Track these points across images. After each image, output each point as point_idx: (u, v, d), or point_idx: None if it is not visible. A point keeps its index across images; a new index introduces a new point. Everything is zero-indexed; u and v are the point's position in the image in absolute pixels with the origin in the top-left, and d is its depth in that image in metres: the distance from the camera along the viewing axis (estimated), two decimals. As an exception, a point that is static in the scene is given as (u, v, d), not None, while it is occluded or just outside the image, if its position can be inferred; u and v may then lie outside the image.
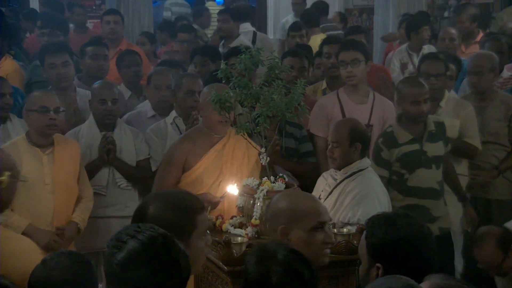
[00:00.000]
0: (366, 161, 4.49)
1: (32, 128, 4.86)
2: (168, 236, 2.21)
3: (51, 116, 4.79)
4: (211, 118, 4.64)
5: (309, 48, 6.96)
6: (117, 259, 2.15)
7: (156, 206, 2.70)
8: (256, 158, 4.68)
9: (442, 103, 5.52)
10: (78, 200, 4.96)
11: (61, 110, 4.90)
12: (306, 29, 8.03)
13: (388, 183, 4.95)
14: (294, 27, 7.98)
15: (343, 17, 9.83)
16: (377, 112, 5.38)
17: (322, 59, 6.24)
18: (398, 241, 2.64)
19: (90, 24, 10.86)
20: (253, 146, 4.42)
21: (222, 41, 8.40)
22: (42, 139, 4.86)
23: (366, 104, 5.41)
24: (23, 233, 4.60)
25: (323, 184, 4.56)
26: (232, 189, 4.28)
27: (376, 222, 2.72)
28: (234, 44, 7.80)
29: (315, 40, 8.24)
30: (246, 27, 9.06)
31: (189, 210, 2.73)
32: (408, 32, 8.05)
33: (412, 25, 8.13)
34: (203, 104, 4.67)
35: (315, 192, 4.58)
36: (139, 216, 2.70)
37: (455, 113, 5.49)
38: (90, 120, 5.32)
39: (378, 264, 2.63)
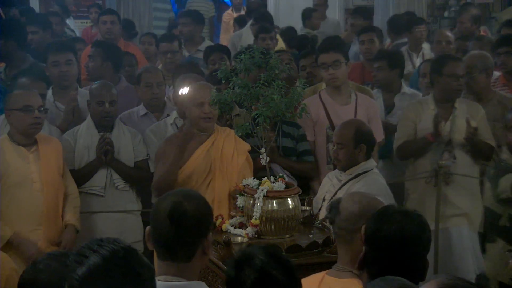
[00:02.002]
0: (372, 163, 4.48)
1: (15, 127, 4.81)
2: (130, 249, 2.15)
3: (35, 115, 4.76)
4: (192, 114, 4.66)
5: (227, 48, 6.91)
6: (78, 275, 2.08)
7: (192, 202, 2.71)
8: (247, 155, 4.71)
9: (456, 105, 5.47)
10: (65, 197, 4.93)
11: (43, 108, 4.88)
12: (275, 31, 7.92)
13: None
14: (264, 29, 7.79)
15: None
16: (361, 112, 5.35)
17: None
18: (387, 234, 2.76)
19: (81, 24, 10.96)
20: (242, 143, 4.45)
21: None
22: (25, 138, 4.82)
23: (349, 104, 5.38)
24: (7, 242, 4.60)
25: (328, 185, 4.55)
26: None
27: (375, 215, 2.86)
28: (201, 47, 7.69)
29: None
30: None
31: (207, 202, 2.80)
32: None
33: (406, 25, 8.14)
34: (186, 100, 4.71)
35: (320, 192, 4.58)
36: (177, 214, 2.67)
37: (469, 115, 5.43)
38: (88, 121, 5.31)
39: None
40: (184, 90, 4.74)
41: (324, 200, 4.49)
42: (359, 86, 5.87)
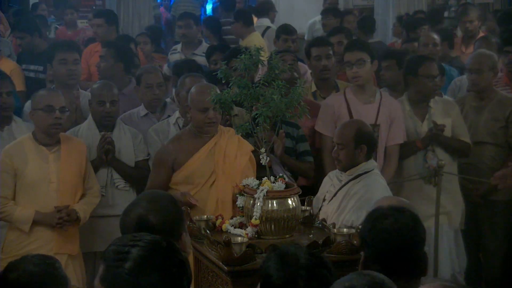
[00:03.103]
0: (372, 163, 4.47)
1: (38, 127, 4.90)
2: (169, 240, 2.20)
3: (56, 115, 4.83)
4: (196, 119, 4.67)
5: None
6: (126, 269, 2.11)
7: (157, 213, 2.67)
8: (250, 156, 4.71)
9: (431, 104, 5.52)
10: (84, 195, 4.98)
11: (66, 110, 4.95)
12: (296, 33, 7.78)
13: None
14: (287, 30, 7.62)
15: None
16: (384, 112, 5.37)
17: (311, 61, 6.06)
18: (372, 230, 2.81)
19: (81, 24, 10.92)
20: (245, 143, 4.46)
21: (177, 49, 7.97)
22: (47, 138, 4.89)
23: (373, 103, 5.40)
24: (34, 222, 4.73)
25: (328, 185, 4.55)
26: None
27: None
28: (198, 51, 7.65)
29: (253, 39, 8.15)
30: (262, 22, 9.25)
31: (178, 203, 2.76)
32: (406, 32, 8.07)
33: (410, 25, 8.13)
34: (190, 104, 4.71)
35: (321, 192, 4.58)
36: (142, 228, 2.64)
37: (445, 112, 5.50)
38: (89, 120, 5.32)
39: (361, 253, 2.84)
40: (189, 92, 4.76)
41: (324, 200, 4.48)
42: None
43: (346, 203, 4.31)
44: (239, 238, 3.89)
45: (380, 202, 3.28)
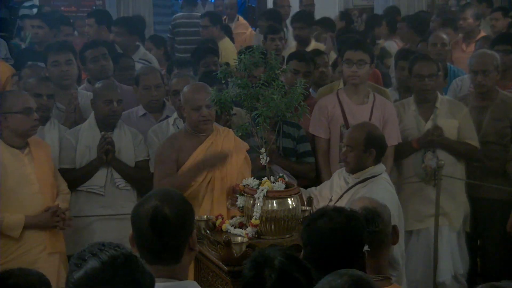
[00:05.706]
0: (381, 167, 4.46)
1: (12, 130, 4.74)
2: (131, 256, 2.09)
3: (35, 117, 4.76)
4: (191, 117, 4.67)
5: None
6: (74, 278, 2.02)
7: (172, 205, 2.67)
8: (245, 155, 4.72)
9: (438, 104, 5.50)
10: (57, 195, 4.94)
11: (41, 109, 4.92)
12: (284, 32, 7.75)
13: None
14: (273, 30, 7.56)
15: (342, 15, 9.66)
16: (377, 113, 5.35)
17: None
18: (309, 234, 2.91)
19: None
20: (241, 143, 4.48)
21: None
22: (20, 140, 4.79)
23: (366, 104, 5.39)
24: (25, 227, 4.65)
25: (335, 184, 4.54)
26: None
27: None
28: (135, 56, 7.33)
29: (226, 45, 8.21)
30: None
31: (189, 202, 2.77)
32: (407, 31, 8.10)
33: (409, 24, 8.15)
34: (184, 104, 4.71)
35: (329, 190, 4.57)
36: (159, 221, 2.62)
37: (451, 114, 5.47)
38: (91, 120, 5.31)
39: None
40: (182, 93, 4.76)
41: (331, 200, 4.47)
42: (376, 86, 5.86)
43: (349, 206, 4.29)
44: (239, 238, 3.89)
45: (355, 204, 3.32)
